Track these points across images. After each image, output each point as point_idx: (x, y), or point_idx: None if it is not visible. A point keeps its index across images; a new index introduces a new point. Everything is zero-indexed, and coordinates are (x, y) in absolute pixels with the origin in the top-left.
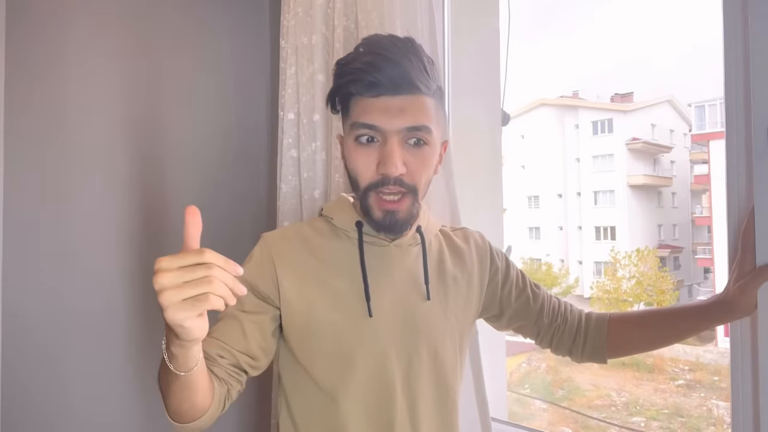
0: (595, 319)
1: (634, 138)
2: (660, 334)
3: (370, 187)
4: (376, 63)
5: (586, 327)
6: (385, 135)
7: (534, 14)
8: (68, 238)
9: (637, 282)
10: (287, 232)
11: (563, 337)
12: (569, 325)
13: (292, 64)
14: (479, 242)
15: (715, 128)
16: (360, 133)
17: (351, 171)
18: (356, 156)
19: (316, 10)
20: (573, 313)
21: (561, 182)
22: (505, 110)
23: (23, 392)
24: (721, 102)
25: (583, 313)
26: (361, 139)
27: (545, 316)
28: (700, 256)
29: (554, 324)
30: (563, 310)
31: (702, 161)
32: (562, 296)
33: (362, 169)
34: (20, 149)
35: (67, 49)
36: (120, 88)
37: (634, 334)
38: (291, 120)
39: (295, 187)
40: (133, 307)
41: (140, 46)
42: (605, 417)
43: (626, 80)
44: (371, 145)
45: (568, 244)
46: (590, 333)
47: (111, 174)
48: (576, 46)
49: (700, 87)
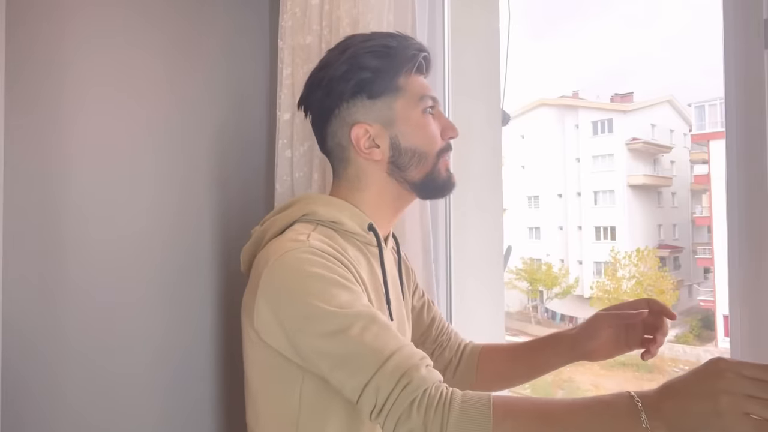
0: (472, 346)
1: (634, 138)
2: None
3: (442, 152)
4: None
5: (462, 351)
6: (437, 106)
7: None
8: (68, 238)
9: (637, 282)
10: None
11: (443, 355)
12: (451, 344)
13: (288, 64)
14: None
15: (715, 128)
16: (430, 104)
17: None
18: (430, 125)
19: (312, 10)
20: (457, 336)
21: (561, 182)
22: (505, 110)
23: (23, 392)
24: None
25: (464, 340)
26: (428, 111)
27: (435, 328)
28: (700, 256)
29: (439, 339)
30: (449, 331)
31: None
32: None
33: (436, 137)
34: (20, 149)
35: (68, 49)
36: (119, 88)
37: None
38: (286, 120)
39: (289, 188)
40: (134, 306)
41: (140, 46)
42: None
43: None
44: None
45: (568, 244)
46: (464, 357)
47: (110, 174)
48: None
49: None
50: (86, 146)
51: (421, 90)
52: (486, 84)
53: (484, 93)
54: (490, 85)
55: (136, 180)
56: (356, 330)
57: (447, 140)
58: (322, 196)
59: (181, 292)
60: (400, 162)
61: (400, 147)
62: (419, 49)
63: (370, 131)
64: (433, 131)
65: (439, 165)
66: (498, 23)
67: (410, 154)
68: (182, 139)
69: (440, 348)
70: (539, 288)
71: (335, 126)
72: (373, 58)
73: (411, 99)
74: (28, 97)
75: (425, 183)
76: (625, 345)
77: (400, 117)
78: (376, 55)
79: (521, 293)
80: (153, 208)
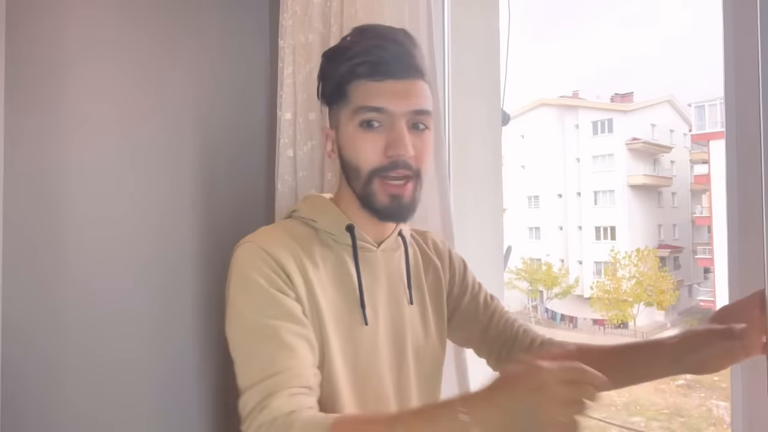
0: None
1: (634, 138)
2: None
3: (375, 173)
4: (382, 45)
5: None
6: (393, 118)
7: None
8: (68, 238)
9: (637, 282)
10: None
11: (511, 354)
12: (520, 342)
13: (289, 63)
14: (439, 243)
15: (715, 128)
16: (367, 117)
17: (351, 158)
18: (361, 141)
19: (313, 8)
20: (527, 333)
21: (561, 182)
22: (505, 110)
23: (23, 392)
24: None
25: (539, 337)
26: (366, 124)
27: (494, 327)
28: (700, 256)
29: (502, 337)
30: (515, 328)
31: (702, 161)
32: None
33: (368, 154)
34: (20, 149)
35: (68, 49)
36: (119, 88)
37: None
38: (288, 120)
39: (292, 187)
40: (134, 305)
41: (140, 46)
42: (605, 417)
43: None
44: (376, 130)
45: (568, 244)
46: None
47: (110, 172)
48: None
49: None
50: (86, 145)
51: (362, 100)
52: (486, 84)
53: (484, 93)
54: (490, 85)
55: (135, 179)
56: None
57: (389, 158)
58: (314, 196)
59: (180, 288)
60: (346, 172)
61: (342, 157)
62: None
63: (330, 136)
64: (364, 148)
65: (373, 186)
66: (498, 23)
67: (348, 167)
68: (182, 139)
69: (506, 347)
70: (539, 288)
71: None
72: (325, 60)
73: (349, 109)
74: (29, 96)
75: (363, 201)
76: (743, 352)
77: (341, 127)
78: (327, 57)
79: (521, 293)
80: (153, 206)
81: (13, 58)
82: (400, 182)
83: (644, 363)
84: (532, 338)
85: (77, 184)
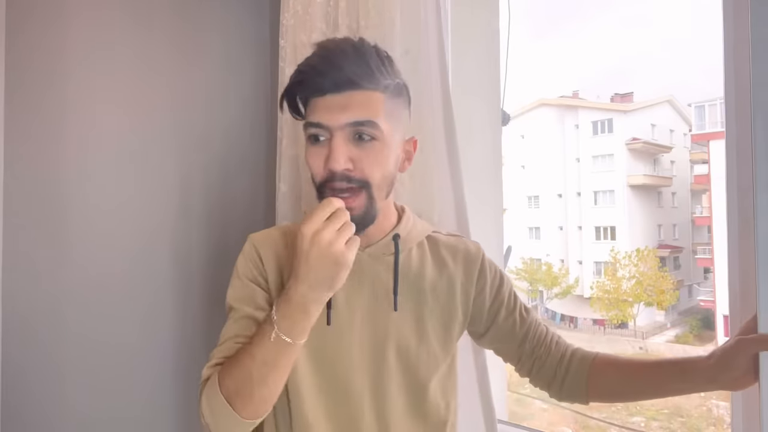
0: (581, 355)
1: (634, 138)
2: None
3: (322, 185)
4: (316, 64)
5: (569, 362)
6: (331, 132)
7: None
8: (68, 238)
9: (637, 282)
10: (273, 233)
11: (543, 368)
12: (552, 356)
13: (291, 62)
14: (471, 251)
15: (715, 128)
16: (310, 132)
17: (309, 171)
18: (309, 155)
19: (315, 8)
20: (559, 345)
21: (561, 182)
22: (505, 110)
23: (23, 392)
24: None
25: (570, 348)
26: (312, 138)
27: (528, 342)
28: (700, 256)
29: (536, 352)
30: (548, 341)
31: (702, 161)
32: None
33: (315, 168)
34: (20, 149)
35: (68, 49)
36: (120, 87)
37: (617, 379)
38: (289, 119)
39: (293, 187)
40: (134, 305)
41: (140, 46)
42: (605, 417)
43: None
44: (322, 143)
45: (568, 244)
46: (572, 369)
47: (110, 173)
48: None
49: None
50: (85, 144)
51: (308, 115)
52: (486, 84)
53: (484, 93)
54: (490, 85)
55: (135, 178)
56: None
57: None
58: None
59: (181, 285)
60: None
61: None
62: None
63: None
64: (312, 162)
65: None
66: (498, 23)
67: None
68: (182, 139)
69: (540, 362)
70: (539, 288)
71: None
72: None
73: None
74: (29, 96)
75: None
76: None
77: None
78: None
79: (521, 293)
80: (152, 206)
81: (14, 58)
82: (345, 195)
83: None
84: (562, 353)
85: (78, 183)
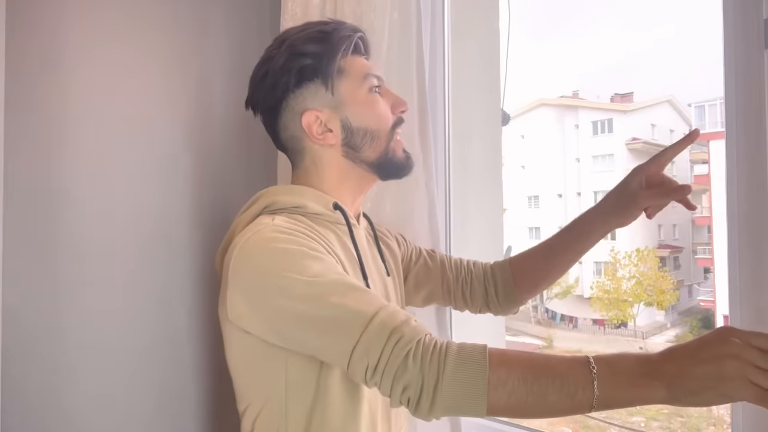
0: (499, 265)
1: (634, 138)
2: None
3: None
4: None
5: (492, 274)
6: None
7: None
8: (68, 237)
9: (637, 282)
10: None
11: (474, 289)
12: (476, 276)
13: None
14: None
15: (715, 128)
16: (372, 83)
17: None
18: (377, 102)
19: (313, 10)
20: (477, 264)
21: (561, 182)
22: (505, 110)
23: (23, 392)
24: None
25: (487, 264)
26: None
27: (449, 271)
28: (700, 256)
29: (460, 277)
30: (467, 264)
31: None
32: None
33: (385, 113)
34: (20, 149)
35: (68, 49)
36: (119, 87)
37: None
38: None
39: None
40: (134, 305)
41: (139, 46)
42: (605, 417)
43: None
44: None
45: None
46: (498, 278)
47: (110, 172)
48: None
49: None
50: (85, 144)
51: (364, 69)
52: (486, 84)
53: (484, 93)
54: (490, 85)
55: (135, 178)
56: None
57: (398, 115)
58: (283, 186)
59: (179, 288)
60: (354, 143)
61: (352, 128)
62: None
63: (320, 117)
64: (382, 108)
65: (392, 144)
66: (498, 23)
67: (362, 133)
68: (182, 139)
69: (468, 285)
70: None
71: (286, 118)
72: (311, 43)
73: (355, 79)
74: (29, 96)
75: (382, 163)
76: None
77: (347, 98)
78: (313, 41)
79: None
80: (152, 206)
81: (13, 57)
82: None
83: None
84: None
85: (78, 182)
